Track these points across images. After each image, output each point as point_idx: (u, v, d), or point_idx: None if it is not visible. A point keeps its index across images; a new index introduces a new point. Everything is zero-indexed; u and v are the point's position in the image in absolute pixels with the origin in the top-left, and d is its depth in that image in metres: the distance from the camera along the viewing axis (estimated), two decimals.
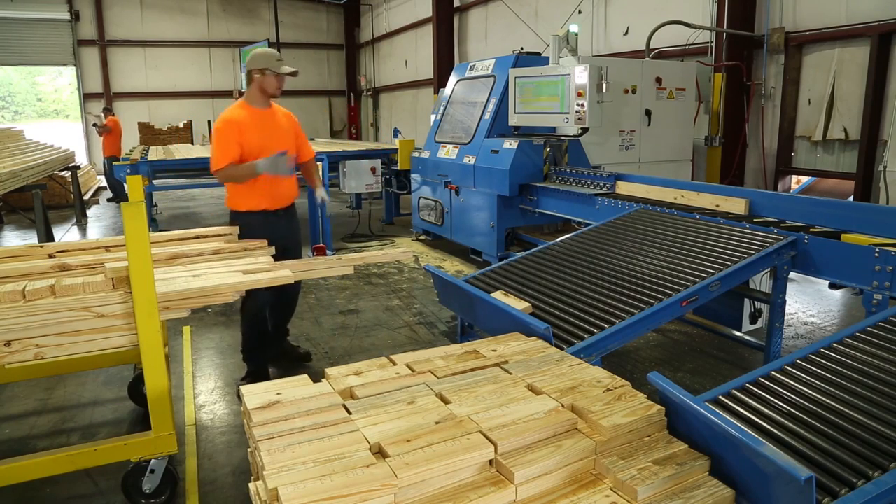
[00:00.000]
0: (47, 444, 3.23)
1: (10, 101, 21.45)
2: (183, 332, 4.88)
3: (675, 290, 3.02)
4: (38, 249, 3.08)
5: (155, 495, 2.66)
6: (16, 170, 6.83)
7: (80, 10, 17.42)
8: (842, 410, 1.90)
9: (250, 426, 1.79)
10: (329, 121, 20.91)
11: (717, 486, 1.60)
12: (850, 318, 5.10)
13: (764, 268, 3.44)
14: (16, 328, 2.31)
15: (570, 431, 1.73)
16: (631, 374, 3.98)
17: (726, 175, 7.78)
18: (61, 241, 5.41)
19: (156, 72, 18.63)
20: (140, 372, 3.39)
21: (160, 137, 15.94)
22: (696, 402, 1.75)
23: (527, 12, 11.96)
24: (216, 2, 19.07)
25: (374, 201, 9.22)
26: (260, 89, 3.74)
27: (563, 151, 6.06)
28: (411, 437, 1.66)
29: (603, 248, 3.77)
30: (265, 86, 3.72)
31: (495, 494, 1.53)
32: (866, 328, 2.38)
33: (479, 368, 2.13)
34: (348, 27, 20.83)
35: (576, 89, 5.51)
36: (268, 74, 3.69)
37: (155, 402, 2.54)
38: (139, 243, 2.33)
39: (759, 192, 4.11)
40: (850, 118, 6.85)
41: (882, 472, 1.64)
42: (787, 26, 7.29)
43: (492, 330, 2.90)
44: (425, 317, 5.18)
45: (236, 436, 3.30)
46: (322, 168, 7.06)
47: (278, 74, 3.71)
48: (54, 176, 10.26)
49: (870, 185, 6.61)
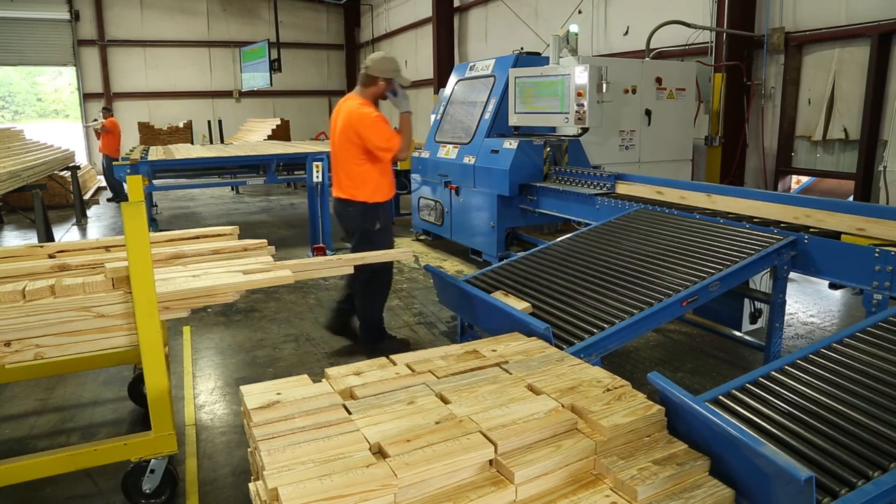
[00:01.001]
0: (47, 444, 3.23)
1: (10, 101, 21.43)
2: (183, 332, 4.88)
3: (675, 290, 3.02)
4: (38, 249, 3.08)
5: (155, 495, 2.66)
6: (16, 170, 6.82)
7: (80, 10, 17.42)
8: (842, 410, 1.90)
9: (250, 426, 1.79)
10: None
11: (717, 486, 1.60)
12: (850, 318, 5.10)
13: (764, 268, 3.44)
14: (16, 328, 2.31)
15: (570, 431, 1.73)
16: (631, 374, 3.98)
17: (726, 175, 7.78)
18: (61, 241, 5.42)
19: (156, 72, 18.62)
20: (140, 372, 3.39)
21: (160, 137, 15.92)
22: (696, 402, 1.75)
23: (527, 12, 11.96)
24: (216, 2, 19.07)
25: None
26: (377, 94, 4.03)
27: (563, 151, 6.06)
28: (411, 437, 1.66)
29: (603, 248, 3.77)
30: (382, 92, 4.03)
31: (495, 494, 1.53)
32: (866, 328, 2.38)
33: (479, 368, 2.14)
34: (348, 27, 20.83)
35: (576, 89, 5.51)
36: (390, 83, 4.00)
37: (155, 402, 2.54)
38: (139, 243, 2.33)
39: (760, 193, 4.11)
40: (850, 118, 6.85)
41: (882, 472, 1.64)
42: (787, 26, 7.29)
43: (492, 330, 2.90)
44: (425, 317, 5.18)
45: (236, 436, 3.30)
46: (322, 168, 7.08)
47: (390, 81, 4.00)
48: (54, 176, 10.26)
49: (870, 185, 6.61)
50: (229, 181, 8.91)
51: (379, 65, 3.97)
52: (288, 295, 5.78)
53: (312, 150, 8.15)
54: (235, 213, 11.07)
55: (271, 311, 5.37)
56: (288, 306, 5.49)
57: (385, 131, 3.93)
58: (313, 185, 7.19)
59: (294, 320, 5.14)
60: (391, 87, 4.02)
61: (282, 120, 16.02)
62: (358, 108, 3.97)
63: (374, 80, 3.98)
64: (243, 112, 19.34)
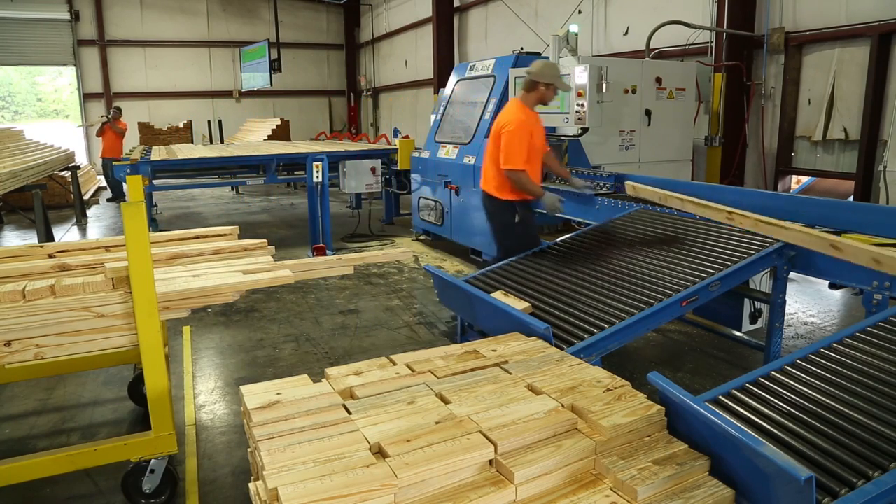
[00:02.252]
0: (47, 444, 3.23)
1: (10, 101, 21.42)
2: (183, 332, 4.88)
3: (675, 290, 3.02)
4: (38, 249, 3.08)
5: (155, 495, 2.66)
6: (16, 170, 6.82)
7: (80, 10, 17.41)
8: (842, 410, 1.90)
9: (250, 426, 1.79)
10: (329, 121, 20.90)
11: (717, 486, 1.60)
12: (850, 318, 5.10)
13: (764, 268, 3.44)
14: (16, 328, 2.31)
15: (570, 431, 1.73)
16: (631, 374, 3.98)
17: (726, 175, 7.78)
18: (61, 241, 5.42)
19: (156, 72, 18.61)
20: (140, 372, 3.39)
21: (160, 137, 15.90)
22: (696, 402, 1.75)
23: (527, 12, 11.96)
24: (216, 2, 19.06)
25: (374, 201, 9.22)
26: (540, 98, 4.21)
27: (563, 151, 6.05)
28: (411, 437, 1.66)
29: (603, 248, 3.77)
30: (546, 97, 4.21)
31: (495, 494, 1.53)
32: (866, 328, 2.38)
33: (479, 368, 2.14)
34: (348, 27, 20.82)
35: (576, 89, 5.51)
36: (551, 88, 4.16)
37: (155, 402, 2.54)
38: (139, 243, 2.33)
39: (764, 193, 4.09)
40: (850, 118, 6.84)
41: (882, 472, 1.64)
42: (787, 26, 7.28)
43: (492, 330, 2.90)
44: (425, 317, 5.18)
45: (236, 436, 3.30)
46: (322, 168, 7.08)
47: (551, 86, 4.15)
48: (54, 176, 10.26)
49: (870, 185, 6.60)
50: (229, 181, 8.91)
51: (541, 70, 4.16)
52: (288, 295, 5.78)
53: (312, 150, 8.15)
54: (235, 213, 11.07)
55: (271, 311, 5.37)
56: (288, 306, 5.49)
57: (515, 146, 4.06)
58: (313, 185, 7.18)
59: (294, 320, 5.14)
60: (550, 92, 4.19)
61: (282, 120, 16.02)
62: (511, 111, 4.20)
63: (536, 85, 4.17)
64: (243, 112, 19.34)
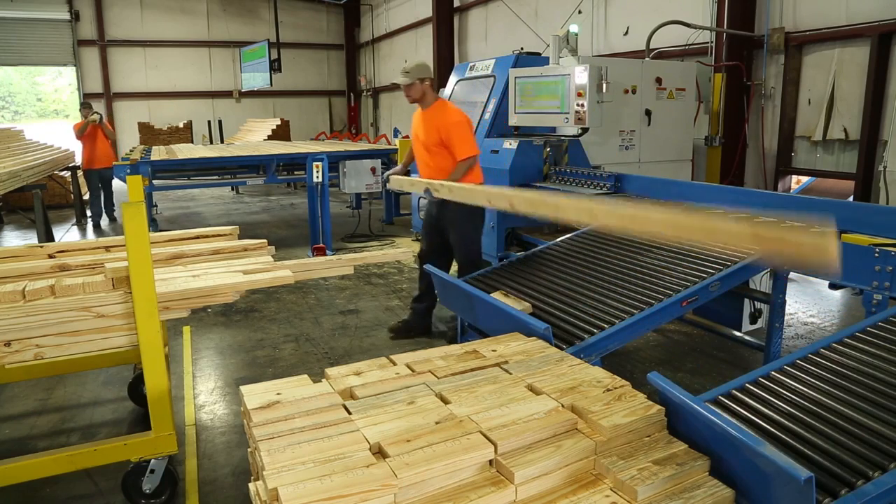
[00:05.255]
0: (47, 444, 3.22)
1: (10, 101, 21.44)
2: (183, 332, 4.88)
3: (675, 290, 3.02)
4: (38, 249, 3.08)
5: (155, 495, 2.66)
6: (16, 170, 6.82)
7: (80, 10, 17.39)
8: (842, 410, 1.90)
9: (250, 426, 1.78)
10: (329, 121, 20.90)
11: (717, 486, 1.60)
12: (850, 318, 5.10)
13: (764, 268, 3.44)
14: (16, 328, 2.31)
15: (570, 431, 1.73)
16: (631, 374, 3.98)
17: (726, 175, 7.78)
18: (61, 241, 5.41)
19: (156, 72, 18.59)
20: (140, 372, 3.38)
21: (160, 137, 15.90)
22: (696, 402, 1.75)
23: (527, 12, 11.95)
24: (216, 2, 19.04)
25: (374, 201, 9.22)
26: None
27: (563, 151, 6.05)
28: (411, 437, 1.66)
29: (603, 248, 3.77)
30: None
31: (495, 494, 1.53)
32: (866, 328, 2.38)
33: (479, 368, 2.13)
34: (348, 27, 20.81)
35: (576, 89, 5.50)
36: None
37: (155, 402, 2.54)
38: (139, 243, 2.33)
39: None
40: (850, 118, 6.84)
41: (882, 472, 1.64)
42: (787, 26, 7.28)
43: (492, 330, 2.90)
44: None
45: (236, 436, 3.30)
46: (322, 168, 7.07)
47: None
48: (54, 176, 10.26)
49: (870, 185, 6.60)
50: (229, 181, 8.90)
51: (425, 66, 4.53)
52: (288, 295, 5.78)
53: (312, 151, 8.15)
54: (235, 213, 11.07)
55: (271, 311, 5.37)
56: (288, 306, 5.49)
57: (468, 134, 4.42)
58: (313, 186, 7.18)
59: (294, 320, 5.14)
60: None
61: (282, 120, 16.01)
62: (443, 111, 4.51)
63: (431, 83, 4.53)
64: (243, 112, 19.32)
